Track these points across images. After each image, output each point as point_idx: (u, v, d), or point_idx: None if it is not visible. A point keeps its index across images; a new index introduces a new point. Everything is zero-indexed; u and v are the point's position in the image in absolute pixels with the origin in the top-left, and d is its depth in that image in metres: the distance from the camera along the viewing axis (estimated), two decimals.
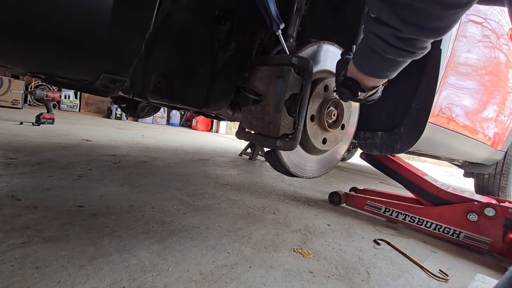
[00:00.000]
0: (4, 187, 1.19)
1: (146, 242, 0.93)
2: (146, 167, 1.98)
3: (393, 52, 0.42)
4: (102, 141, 2.77)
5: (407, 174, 1.62)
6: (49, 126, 3.15)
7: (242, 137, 0.93)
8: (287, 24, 0.93)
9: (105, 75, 0.66)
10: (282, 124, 0.79)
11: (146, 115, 1.97)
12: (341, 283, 0.88)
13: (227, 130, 7.22)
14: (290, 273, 0.89)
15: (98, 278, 0.70)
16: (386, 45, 0.42)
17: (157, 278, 0.74)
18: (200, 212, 1.27)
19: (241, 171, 2.43)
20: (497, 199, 1.48)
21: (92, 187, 1.37)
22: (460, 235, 1.38)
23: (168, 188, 1.56)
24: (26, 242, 0.81)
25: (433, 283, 0.99)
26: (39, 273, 0.68)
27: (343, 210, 1.73)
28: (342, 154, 1.13)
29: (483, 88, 1.47)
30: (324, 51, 0.91)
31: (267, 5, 0.77)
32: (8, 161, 1.58)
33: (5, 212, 0.96)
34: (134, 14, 0.60)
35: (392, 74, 0.51)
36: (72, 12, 0.52)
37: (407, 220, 1.54)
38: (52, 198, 1.15)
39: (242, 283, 0.79)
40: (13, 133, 2.44)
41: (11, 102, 4.61)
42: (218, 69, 1.01)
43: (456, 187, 2.35)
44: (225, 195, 1.61)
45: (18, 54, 0.62)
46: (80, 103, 5.89)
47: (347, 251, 1.13)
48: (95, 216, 1.05)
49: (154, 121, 6.86)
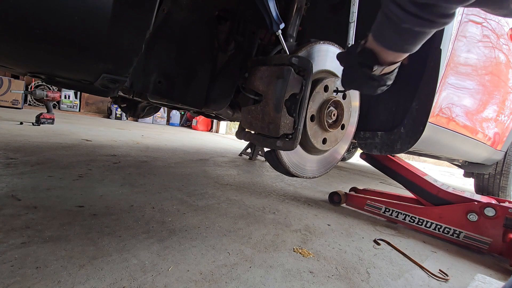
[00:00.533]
0: (4, 187, 1.19)
1: (146, 242, 0.92)
2: (146, 167, 1.98)
3: (410, 21, 0.38)
4: (102, 141, 2.77)
5: (407, 174, 1.62)
6: (49, 126, 3.15)
7: (242, 137, 0.93)
8: (287, 24, 0.92)
9: (105, 75, 0.66)
10: (282, 124, 0.79)
11: (146, 115, 1.97)
12: (341, 283, 0.88)
13: (227, 130, 7.22)
14: (290, 273, 0.89)
15: (98, 278, 0.70)
16: (403, 12, 0.38)
17: (157, 278, 0.74)
18: (200, 212, 1.27)
19: (241, 171, 2.43)
20: (497, 199, 1.48)
21: (92, 187, 1.37)
22: (460, 235, 1.38)
23: (168, 188, 1.56)
24: (26, 242, 0.81)
25: (433, 283, 0.99)
26: (39, 273, 0.68)
27: (343, 210, 1.73)
28: (342, 154, 1.13)
29: (483, 88, 1.47)
30: (324, 51, 0.91)
31: (267, 5, 0.77)
32: (8, 161, 1.58)
33: (5, 212, 0.96)
34: (134, 14, 0.60)
35: (412, 47, 0.46)
36: (72, 12, 0.52)
37: (407, 220, 1.53)
38: (52, 198, 1.15)
39: (242, 283, 0.79)
40: (13, 133, 2.44)
41: (11, 102, 4.61)
42: (218, 69, 1.01)
43: (456, 187, 2.34)
44: (225, 195, 1.61)
45: (18, 54, 0.62)
46: (80, 103, 5.89)
47: (347, 251, 1.13)
48: (95, 216, 1.05)
49: (154, 121, 6.86)
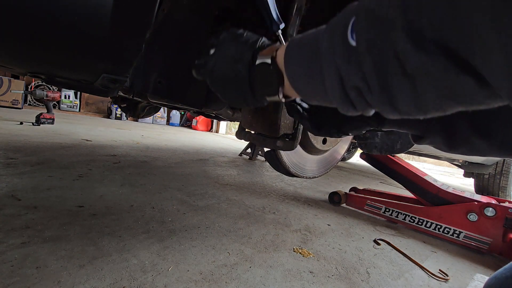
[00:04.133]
0: (4, 187, 1.19)
1: (146, 242, 0.92)
2: (146, 167, 1.98)
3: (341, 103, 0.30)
4: (102, 141, 2.77)
5: (407, 174, 1.62)
6: (49, 126, 3.15)
7: (242, 137, 0.93)
8: (287, 24, 0.92)
9: (105, 75, 0.66)
10: (282, 124, 0.79)
11: (146, 115, 1.97)
12: (341, 283, 0.88)
13: (227, 130, 7.22)
14: (290, 273, 0.89)
15: (98, 278, 0.70)
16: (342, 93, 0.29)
17: (157, 278, 0.74)
18: (200, 212, 1.27)
19: (241, 171, 2.43)
20: (497, 199, 1.48)
21: (92, 187, 1.37)
22: (460, 235, 1.38)
23: (168, 188, 1.56)
24: (26, 242, 0.81)
25: (433, 283, 0.99)
26: (39, 273, 0.68)
27: (343, 210, 1.73)
28: (342, 154, 1.13)
29: None
30: None
31: (267, 5, 0.77)
32: (8, 161, 1.58)
33: (5, 212, 0.96)
34: (134, 14, 0.60)
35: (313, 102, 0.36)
36: (72, 11, 0.52)
37: (407, 220, 1.53)
38: (52, 198, 1.15)
39: (242, 283, 0.79)
40: (13, 133, 2.44)
41: (11, 102, 4.61)
42: None
43: (456, 187, 2.35)
44: (225, 195, 1.61)
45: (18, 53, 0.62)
46: (80, 103, 5.89)
47: (347, 251, 1.13)
48: (95, 216, 1.05)
49: (154, 121, 6.86)
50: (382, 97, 0.26)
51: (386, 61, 0.24)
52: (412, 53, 0.22)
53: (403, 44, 0.23)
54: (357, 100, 0.28)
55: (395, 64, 0.24)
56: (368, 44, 0.25)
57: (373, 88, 0.26)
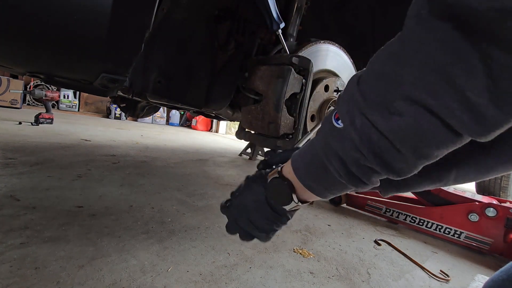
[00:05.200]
0: (3, 187, 1.18)
1: (145, 242, 0.92)
2: (145, 167, 1.97)
3: (350, 180, 0.35)
4: (101, 141, 2.76)
5: None
6: (48, 126, 3.14)
7: (242, 137, 0.93)
8: (287, 24, 0.92)
9: (105, 75, 0.65)
10: (283, 124, 0.78)
11: (146, 115, 1.96)
12: (341, 283, 0.88)
13: (227, 130, 7.21)
14: (290, 274, 0.88)
15: (97, 278, 0.70)
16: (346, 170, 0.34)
17: (157, 279, 0.74)
18: (199, 213, 1.27)
19: (241, 171, 2.42)
20: (498, 200, 1.48)
21: (91, 187, 1.37)
22: (461, 235, 1.37)
23: (167, 188, 1.55)
24: (25, 243, 0.80)
25: (434, 284, 0.99)
26: (38, 274, 0.68)
27: (343, 210, 1.72)
28: None
29: None
30: (324, 51, 0.91)
31: (267, 5, 0.77)
32: (7, 161, 1.57)
33: (4, 213, 0.96)
34: (133, 14, 0.60)
35: (330, 196, 0.41)
36: (71, 11, 0.52)
37: (407, 221, 1.53)
38: (51, 198, 1.14)
39: (242, 283, 0.79)
40: (12, 133, 2.43)
41: (10, 102, 4.60)
42: (218, 69, 1.00)
43: (457, 187, 2.34)
44: (225, 195, 1.60)
45: (18, 53, 0.61)
46: (79, 103, 5.88)
47: (347, 251, 1.12)
48: (95, 216, 1.05)
49: (154, 121, 6.85)
50: (376, 160, 0.30)
51: (366, 130, 0.30)
52: (381, 121, 0.28)
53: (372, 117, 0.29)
54: (360, 171, 0.33)
55: (372, 131, 0.29)
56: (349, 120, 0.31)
57: (367, 155, 0.31)
